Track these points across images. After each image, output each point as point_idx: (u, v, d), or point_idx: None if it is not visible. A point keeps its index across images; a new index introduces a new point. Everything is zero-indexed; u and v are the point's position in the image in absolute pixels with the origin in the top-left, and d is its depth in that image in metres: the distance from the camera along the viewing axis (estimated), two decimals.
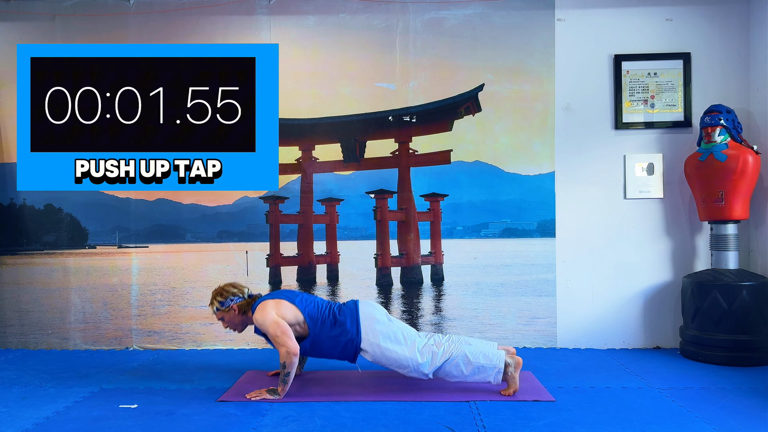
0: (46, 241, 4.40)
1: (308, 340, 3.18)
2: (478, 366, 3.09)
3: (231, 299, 3.27)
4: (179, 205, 4.33)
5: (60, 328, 4.32)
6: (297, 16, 4.26)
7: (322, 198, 4.32)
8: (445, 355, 3.11)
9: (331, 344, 3.17)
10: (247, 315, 3.27)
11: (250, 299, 3.31)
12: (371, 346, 3.12)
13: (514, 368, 3.12)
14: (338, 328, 3.15)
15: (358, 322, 3.14)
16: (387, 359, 3.13)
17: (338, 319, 3.17)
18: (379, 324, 3.16)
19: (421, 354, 3.11)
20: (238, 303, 3.28)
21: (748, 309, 3.66)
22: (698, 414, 2.83)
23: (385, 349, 3.11)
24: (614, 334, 4.17)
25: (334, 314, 3.21)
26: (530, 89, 4.22)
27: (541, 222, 4.25)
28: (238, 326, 3.34)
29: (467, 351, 3.11)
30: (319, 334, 3.17)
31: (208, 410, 2.93)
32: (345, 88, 4.27)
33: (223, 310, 3.28)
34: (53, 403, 3.06)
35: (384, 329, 3.15)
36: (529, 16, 4.20)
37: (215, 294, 3.30)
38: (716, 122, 3.83)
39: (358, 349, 3.15)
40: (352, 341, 3.13)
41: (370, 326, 3.14)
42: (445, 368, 3.12)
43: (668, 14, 4.16)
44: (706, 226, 4.13)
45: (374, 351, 3.13)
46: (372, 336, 3.12)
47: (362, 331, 3.13)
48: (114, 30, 4.24)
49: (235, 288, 3.32)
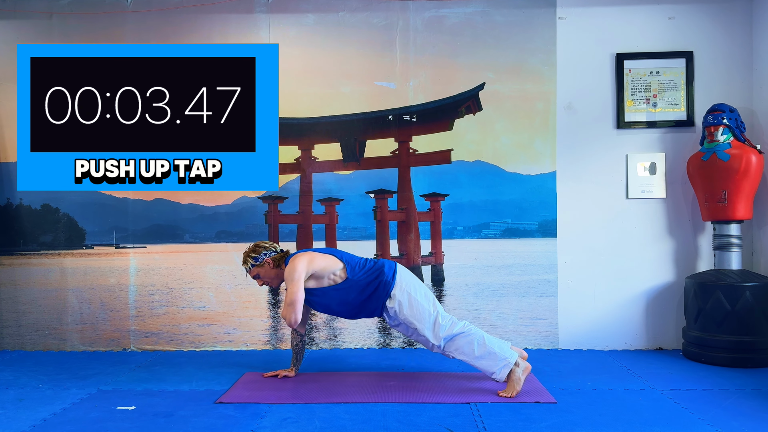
0: (43, 241, 4.39)
1: (346, 282, 3.26)
2: (490, 351, 3.12)
3: (264, 253, 3.36)
4: (177, 205, 4.31)
5: (57, 329, 4.30)
6: (296, 15, 4.24)
7: (322, 198, 4.30)
8: (463, 328, 3.20)
9: (365, 286, 3.25)
10: (281, 268, 3.36)
11: (283, 253, 3.41)
12: (402, 292, 3.22)
13: (522, 372, 3.11)
14: (376, 271, 3.27)
15: (395, 269, 3.29)
16: (412, 310, 3.21)
17: (377, 264, 3.32)
18: (413, 278, 3.33)
19: (443, 317, 3.23)
20: (272, 256, 3.37)
21: (752, 310, 3.63)
22: (701, 416, 2.81)
23: (413, 299, 3.22)
24: (616, 335, 4.15)
25: (372, 261, 3.36)
26: (531, 88, 4.20)
27: (542, 222, 4.23)
28: (274, 280, 3.42)
29: (485, 335, 3.19)
30: (355, 277, 3.26)
31: (206, 412, 2.92)
32: (344, 86, 4.25)
33: (258, 266, 3.37)
34: (50, 405, 3.04)
35: (416, 283, 3.31)
36: (531, 15, 4.18)
37: (248, 252, 3.39)
38: (719, 121, 3.81)
39: (388, 296, 3.23)
40: (387, 284, 3.22)
41: (405, 276, 3.29)
42: (459, 341, 3.17)
43: (671, 12, 4.14)
44: (708, 226, 4.10)
45: (403, 299, 3.21)
46: (405, 284, 3.25)
47: (397, 277, 3.25)
48: (111, 28, 4.22)
49: (266, 243, 3.43)
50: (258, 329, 4.25)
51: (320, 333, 4.24)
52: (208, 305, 4.30)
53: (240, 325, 4.25)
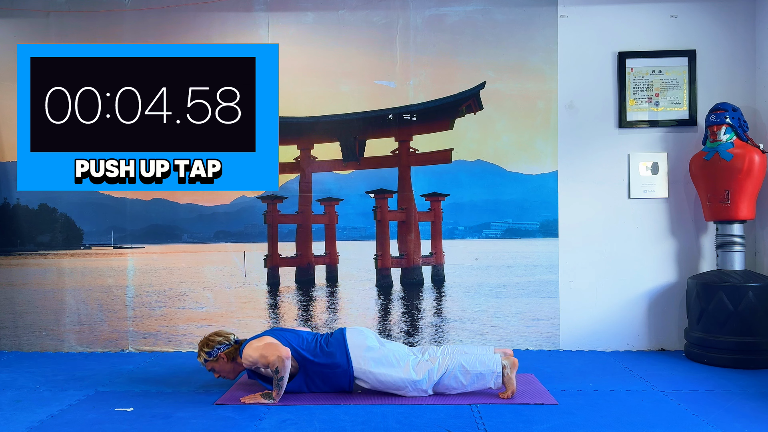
0: (40, 241, 4.38)
1: (300, 375, 3.16)
2: (476, 374, 3.08)
3: (218, 347, 3.23)
4: (176, 205, 4.30)
5: (54, 329, 4.28)
6: (296, 13, 4.23)
7: (321, 198, 4.28)
8: (441, 368, 3.10)
9: (323, 377, 3.15)
10: (237, 361, 3.24)
11: (237, 345, 3.28)
12: (364, 374, 3.11)
13: (510, 369, 3.09)
14: (328, 359, 3.13)
15: (347, 352, 3.13)
16: (383, 384, 3.10)
17: (326, 350, 3.16)
18: (369, 351, 3.15)
19: (416, 371, 3.10)
20: (225, 350, 3.24)
21: (755, 310, 3.62)
22: (703, 417, 2.80)
23: (378, 374, 3.09)
24: (618, 336, 4.14)
25: (321, 346, 3.18)
26: (533, 87, 4.18)
27: (543, 222, 4.22)
28: (230, 373, 3.29)
29: (463, 361, 3.10)
30: (309, 368, 3.15)
31: (205, 413, 2.91)
32: (344, 85, 4.24)
33: (212, 360, 3.24)
34: (48, 407, 3.03)
35: (375, 355, 3.13)
36: (532, 13, 4.16)
37: (201, 345, 3.26)
38: (722, 121, 3.79)
39: (352, 379, 3.13)
40: (345, 372, 3.11)
41: (360, 354, 3.13)
42: (444, 382, 3.10)
43: (673, 11, 4.12)
44: (711, 226, 4.08)
45: (368, 378, 3.11)
46: (364, 364, 3.11)
47: (353, 361, 3.11)
48: (109, 26, 4.21)
49: (219, 336, 3.29)
50: (257, 330, 4.18)
51: None
52: (207, 306, 4.28)
53: (239, 326, 4.22)
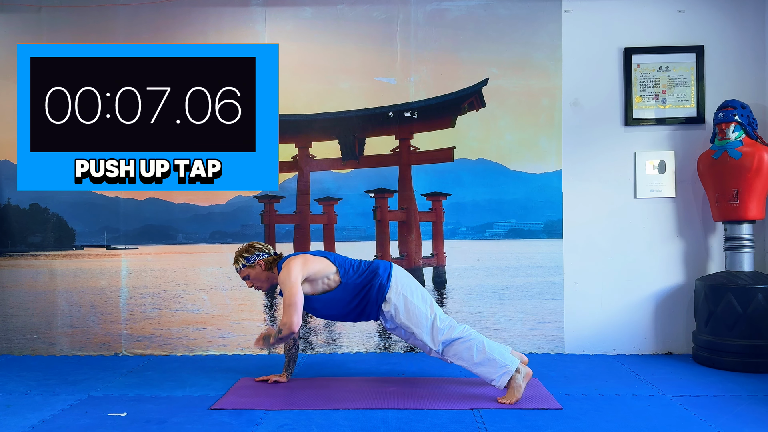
0: (31, 242, 4.35)
1: (340, 287, 3.21)
2: (490, 358, 3.06)
3: (257, 254, 3.31)
4: (170, 205, 4.27)
5: (46, 332, 4.24)
6: (293, 8, 4.19)
7: (320, 197, 4.24)
8: (462, 333, 3.13)
9: (359, 289, 3.19)
10: (273, 272, 3.31)
11: (276, 256, 3.35)
12: (398, 295, 3.17)
13: (523, 378, 3.06)
14: (371, 273, 3.21)
15: (390, 270, 3.23)
16: (408, 314, 3.15)
17: (371, 266, 3.26)
18: (409, 279, 3.27)
19: (441, 320, 3.15)
20: (265, 258, 3.31)
21: (764, 313, 3.59)
22: (712, 422, 2.77)
23: (409, 302, 3.16)
24: (624, 339, 4.10)
25: (367, 263, 3.29)
26: (536, 84, 4.14)
27: (547, 222, 4.18)
28: (264, 283, 3.35)
29: (485, 341, 3.12)
30: (349, 281, 3.21)
31: (200, 419, 2.89)
32: (343, 82, 4.20)
33: (249, 266, 3.30)
34: (39, 411, 3.01)
35: (413, 285, 3.25)
36: (536, 8, 4.12)
37: (240, 251, 3.33)
38: (730, 118, 3.77)
39: (383, 298, 3.17)
40: (382, 287, 3.17)
41: (401, 278, 3.23)
42: (457, 346, 3.11)
43: (680, 5, 4.08)
44: (719, 226, 4.04)
45: (398, 302, 3.16)
46: (401, 286, 3.19)
47: (392, 279, 3.19)
48: (103, 22, 4.17)
49: (260, 245, 3.37)
50: (254, 333, 4.16)
51: (318, 337, 4.18)
52: (202, 308, 4.24)
53: (235, 328, 4.20)
